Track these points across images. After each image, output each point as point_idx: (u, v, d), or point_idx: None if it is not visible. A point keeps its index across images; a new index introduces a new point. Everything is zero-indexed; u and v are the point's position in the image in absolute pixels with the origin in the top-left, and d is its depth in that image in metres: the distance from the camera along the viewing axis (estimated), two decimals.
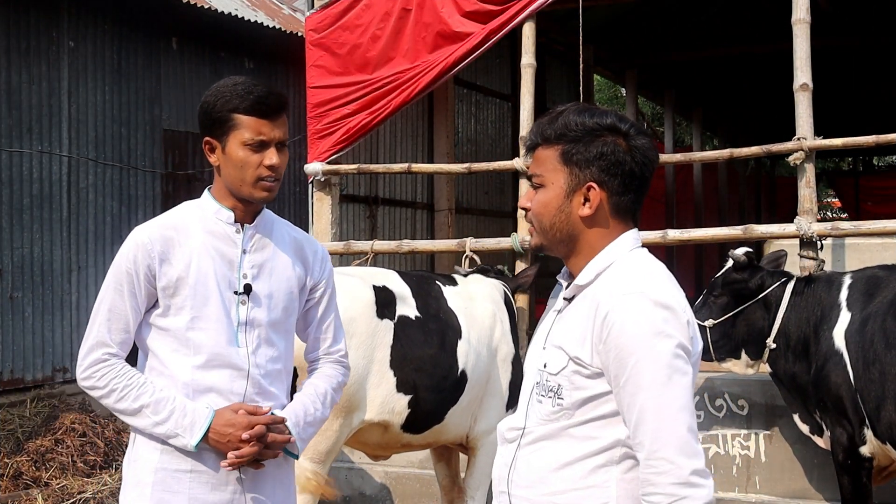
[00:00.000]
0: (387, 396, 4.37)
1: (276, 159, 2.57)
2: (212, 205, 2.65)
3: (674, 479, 1.90)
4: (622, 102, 22.09)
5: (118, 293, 2.58)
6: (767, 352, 4.81)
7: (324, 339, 2.86)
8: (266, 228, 2.70)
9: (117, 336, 2.59)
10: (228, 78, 2.64)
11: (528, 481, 2.08)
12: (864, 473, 4.43)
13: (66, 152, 8.25)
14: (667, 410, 1.92)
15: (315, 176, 7.02)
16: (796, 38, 5.87)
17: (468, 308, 4.79)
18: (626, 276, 2.03)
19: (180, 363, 2.58)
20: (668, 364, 1.93)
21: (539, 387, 2.10)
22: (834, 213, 26.30)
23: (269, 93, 2.58)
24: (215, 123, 2.58)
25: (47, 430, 7.33)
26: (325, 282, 2.83)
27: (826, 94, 13.19)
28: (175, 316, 2.58)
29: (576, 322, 2.06)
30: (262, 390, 2.64)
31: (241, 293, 2.62)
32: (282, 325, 2.70)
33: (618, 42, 12.08)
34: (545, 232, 2.13)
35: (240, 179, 2.57)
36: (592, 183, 2.06)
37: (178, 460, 2.57)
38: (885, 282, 4.47)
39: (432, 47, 6.71)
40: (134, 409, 2.56)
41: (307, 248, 2.79)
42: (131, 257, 2.58)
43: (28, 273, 7.92)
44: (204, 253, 2.60)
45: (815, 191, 5.85)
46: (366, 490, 6.21)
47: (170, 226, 2.63)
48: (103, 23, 8.64)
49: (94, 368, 2.58)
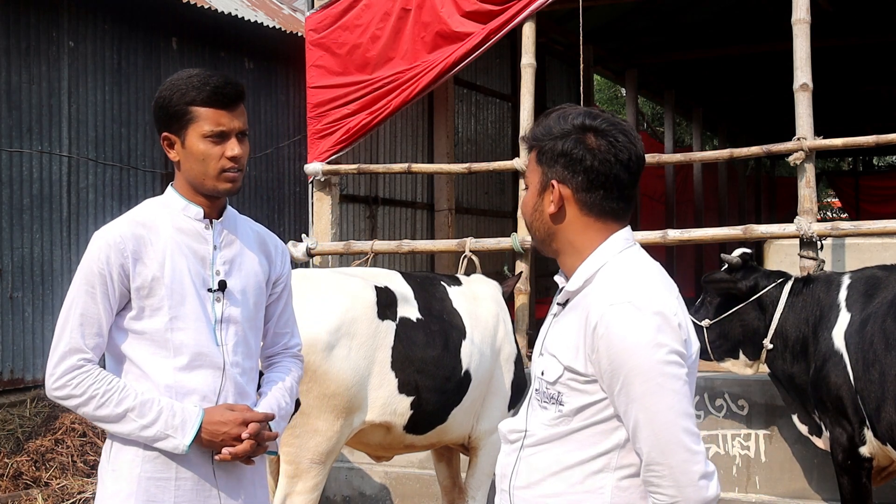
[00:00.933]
0: (388, 398, 4.37)
1: (237, 149, 2.52)
2: (178, 201, 2.59)
3: (676, 482, 1.93)
4: (622, 102, 22.11)
5: (90, 296, 2.49)
6: (765, 352, 4.81)
7: (283, 333, 2.83)
8: (231, 224, 2.66)
9: (91, 341, 2.48)
10: (182, 70, 2.57)
11: (527, 482, 2.11)
12: (863, 473, 4.43)
13: (66, 152, 8.25)
14: (661, 418, 1.93)
15: (315, 176, 7.02)
16: (796, 38, 5.87)
17: (472, 308, 4.79)
18: (614, 284, 2.02)
19: (160, 366, 2.50)
20: (661, 373, 1.94)
21: (539, 393, 2.12)
22: (834, 213, 26.31)
23: (226, 82, 2.52)
24: (172, 118, 2.51)
25: (47, 430, 7.33)
26: (286, 276, 2.81)
27: (826, 94, 13.21)
28: (151, 318, 2.50)
29: (568, 330, 2.07)
30: (240, 389, 2.61)
31: (215, 290, 2.57)
32: (254, 320, 2.67)
33: (618, 42, 12.08)
34: (530, 231, 2.19)
35: (202, 173, 2.51)
36: (554, 181, 2.07)
37: (163, 468, 2.50)
38: (885, 282, 4.46)
39: (432, 47, 6.71)
40: (117, 414, 2.45)
41: (269, 243, 2.77)
42: (103, 257, 2.48)
43: (28, 273, 7.92)
44: (176, 251, 2.53)
45: (815, 191, 5.85)
46: (366, 490, 6.21)
47: (139, 223, 2.55)
48: (103, 23, 8.64)
49: (69, 376, 2.46)
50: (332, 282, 4.43)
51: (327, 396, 4.14)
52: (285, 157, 10.40)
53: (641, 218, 12.90)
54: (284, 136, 10.40)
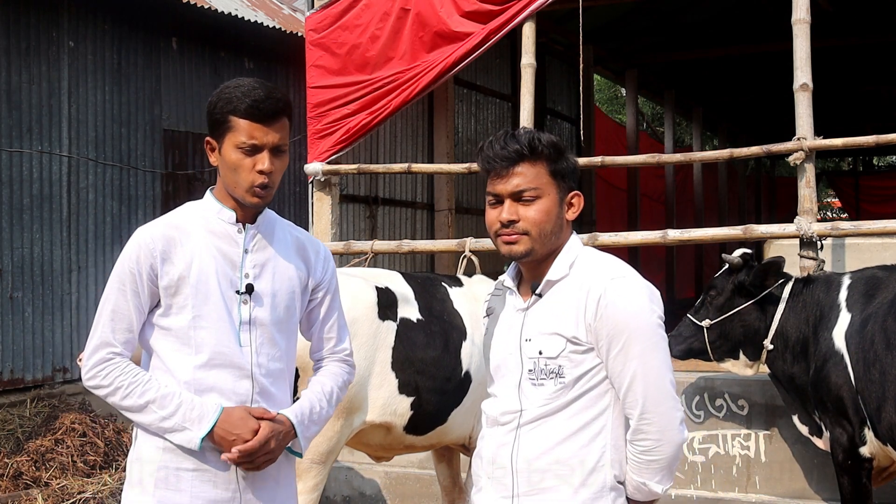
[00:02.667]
0: (389, 398, 4.37)
1: (267, 164, 2.56)
2: (214, 205, 2.67)
3: (662, 427, 2.33)
4: (622, 102, 22.10)
5: (121, 293, 2.59)
6: (765, 352, 4.80)
7: (328, 338, 2.86)
8: (268, 228, 2.71)
9: (121, 336, 2.59)
10: (238, 78, 2.63)
11: (535, 454, 2.38)
12: (863, 474, 4.43)
13: (66, 152, 8.25)
14: (655, 372, 2.32)
15: (315, 176, 7.02)
16: (796, 38, 5.87)
17: (473, 309, 4.78)
18: (604, 265, 2.41)
19: (181, 362, 2.58)
20: (655, 333, 2.34)
21: (533, 373, 2.39)
22: (834, 213, 26.31)
23: (268, 97, 2.56)
24: (215, 124, 2.59)
25: (47, 430, 7.33)
26: (328, 282, 2.83)
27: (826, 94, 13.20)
28: (177, 315, 2.58)
29: (564, 308, 2.37)
30: (265, 391, 2.64)
31: (242, 293, 2.62)
32: (284, 324, 2.70)
33: (618, 42, 12.08)
34: (544, 237, 2.39)
35: (234, 182, 2.59)
36: (577, 192, 2.44)
37: (181, 459, 2.57)
38: (885, 283, 4.46)
39: (430, 47, 6.71)
40: (140, 405, 2.55)
41: (309, 248, 2.80)
42: (134, 257, 2.58)
43: (28, 273, 7.92)
44: (205, 252, 2.60)
45: (815, 191, 5.85)
46: (366, 490, 6.21)
47: (172, 225, 2.64)
48: (103, 23, 8.64)
49: (98, 368, 2.58)
50: None
51: None
52: None
53: (641, 218, 12.89)
54: None
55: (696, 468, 5.60)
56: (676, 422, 2.34)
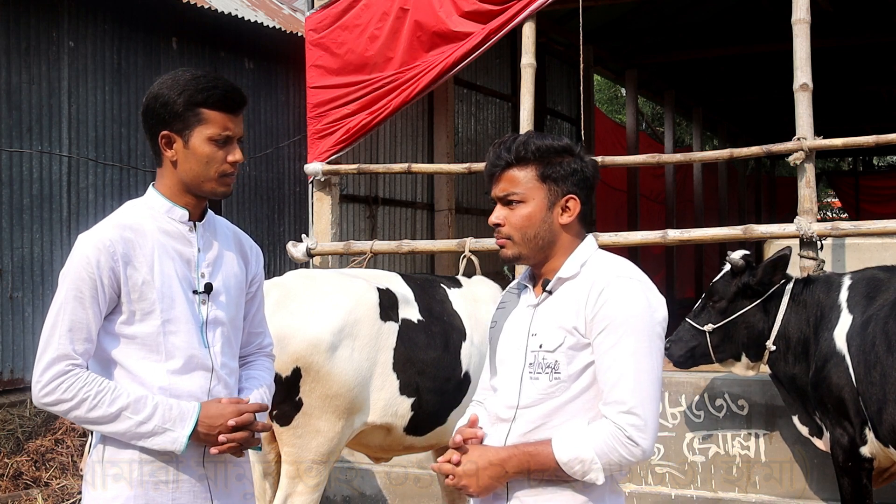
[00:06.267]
0: (390, 399, 4.37)
1: (239, 155, 2.55)
2: (162, 203, 2.58)
3: (648, 434, 2.27)
4: (622, 102, 22.11)
5: (78, 301, 2.44)
6: (767, 354, 4.79)
7: (257, 333, 2.84)
8: (212, 225, 2.67)
9: (80, 346, 2.44)
10: (180, 70, 2.56)
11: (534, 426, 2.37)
12: (864, 475, 4.43)
13: (66, 152, 8.25)
14: (646, 376, 2.29)
15: (315, 176, 7.02)
16: (796, 38, 5.87)
17: (472, 310, 4.78)
18: (613, 265, 2.41)
19: (152, 370, 2.49)
20: (652, 334, 2.32)
21: (533, 366, 2.39)
22: (834, 213, 26.31)
23: (234, 87, 2.54)
24: (177, 117, 2.50)
25: (47, 430, 7.34)
26: (260, 276, 2.82)
27: (826, 94, 13.21)
28: (142, 322, 2.48)
29: (569, 303, 2.38)
30: (229, 389, 2.62)
31: (201, 292, 2.57)
32: (237, 321, 2.68)
33: (618, 42, 12.09)
34: (528, 241, 2.43)
35: (203, 175, 2.52)
36: (572, 195, 2.42)
37: (161, 470, 2.49)
38: (886, 284, 4.45)
39: (430, 47, 6.71)
40: (111, 413, 2.42)
41: (245, 243, 2.78)
42: (93, 261, 2.44)
43: (28, 273, 7.92)
44: (164, 254, 2.53)
45: (815, 191, 5.85)
46: (366, 490, 6.21)
47: (126, 226, 2.53)
48: (103, 23, 8.64)
49: (57, 381, 2.41)
50: (335, 283, 4.43)
51: (329, 397, 4.14)
52: (285, 157, 10.40)
53: (641, 218, 12.89)
54: (284, 136, 10.40)
55: (696, 468, 5.60)
56: (656, 429, 2.31)
